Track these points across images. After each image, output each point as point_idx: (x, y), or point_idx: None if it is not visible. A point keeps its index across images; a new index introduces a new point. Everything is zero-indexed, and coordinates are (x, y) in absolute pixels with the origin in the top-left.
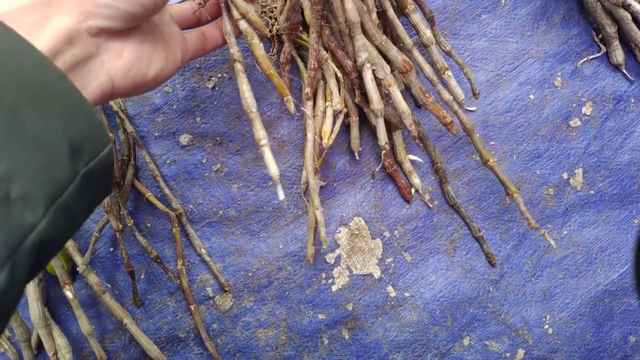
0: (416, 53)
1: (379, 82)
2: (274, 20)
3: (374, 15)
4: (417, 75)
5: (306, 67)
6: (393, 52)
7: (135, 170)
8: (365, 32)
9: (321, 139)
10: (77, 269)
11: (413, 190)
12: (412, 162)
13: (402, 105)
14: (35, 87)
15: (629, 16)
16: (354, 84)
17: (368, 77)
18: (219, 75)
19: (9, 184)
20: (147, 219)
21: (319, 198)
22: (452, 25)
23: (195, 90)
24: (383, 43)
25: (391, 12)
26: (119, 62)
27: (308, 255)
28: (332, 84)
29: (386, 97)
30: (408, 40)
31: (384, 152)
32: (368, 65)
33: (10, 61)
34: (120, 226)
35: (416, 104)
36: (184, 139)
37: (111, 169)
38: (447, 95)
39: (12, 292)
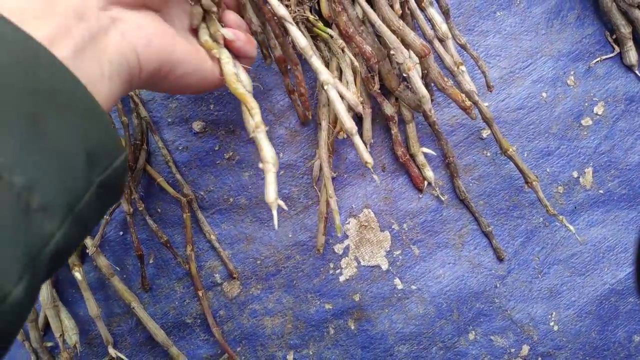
0: (437, 44)
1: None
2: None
3: (397, 6)
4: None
5: (322, 57)
6: (411, 36)
7: (148, 155)
8: (382, 18)
9: (336, 129)
10: (87, 251)
11: (425, 182)
12: (425, 155)
13: (422, 89)
14: (53, 94)
15: None
16: (373, 72)
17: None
18: None
19: (30, 194)
20: (157, 204)
21: (332, 187)
22: (467, 21)
23: None
24: (400, 27)
25: (412, 3)
26: (138, 31)
27: (318, 245)
28: (349, 74)
29: (404, 82)
30: (429, 31)
31: (394, 138)
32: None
33: (26, 67)
34: (132, 210)
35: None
36: (197, 125)
37: (124, 178)
38: (467, 86)
39: (28, 304)
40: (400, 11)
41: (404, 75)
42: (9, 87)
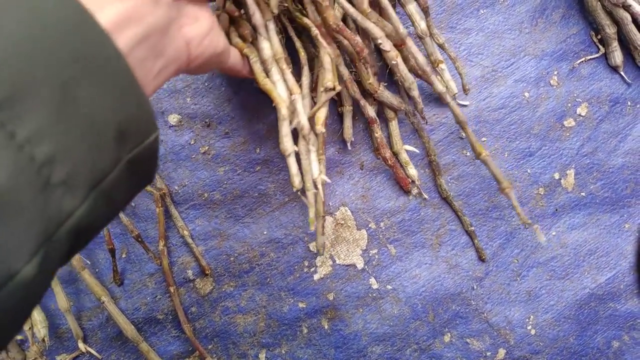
0: (410, 43)
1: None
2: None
3: (366, 5)
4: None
5: (302, 45)
6: (389, 27)
7: None
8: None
9: (315, 124)
10: None
11: (410, 181)
12: (407, 153)
13: (409, 76)
14: (94, 63)
15: (629, 17)
16: (367, 63)
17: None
18: None
19: (52, 168)
20: None
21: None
22: (449, 19)
23: None
24: (379, 19)
25: (385, 2)
26: (195, 26)
27: (318, 246)
28: (326, 61)
29: (383, 80)
30: (402, 30)
31: (379, 142)
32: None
33: (72, 34)
34: None
35: (408, 95)
36: (173, 119)
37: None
38: (440, 87)
39: (40, 282)
40: (377, 9)
41: (390, 64)
42: (47, 52)
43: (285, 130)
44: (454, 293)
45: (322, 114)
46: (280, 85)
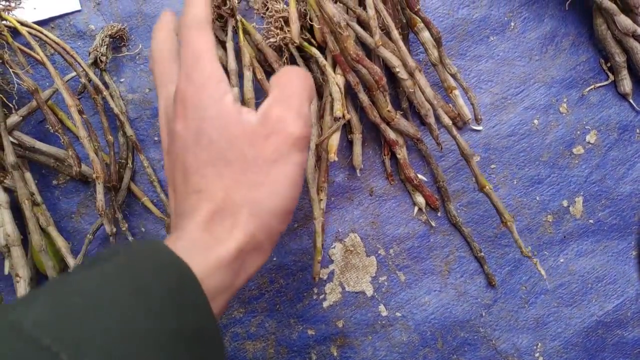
0: (418, 76)
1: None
2: (280, 30)
3: (377, 37)
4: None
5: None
6: (405, 56)
7: (133, 173)
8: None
9: (327, 153)
10: (69, 271)
11: (416, 209)
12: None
13: (426, 103)
14: (191, 333)
15: (638, 46)
16: (385, 91)
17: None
18: None
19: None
20: (141, 223)
21: (320, 209)
22: (460, 46)
23: None
24: (397, 49)
25: (395, 34)
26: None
27: (314, 274)
28: (334, 90)
29: (399, 110)
30: (411, 63)
31: (402, 162)
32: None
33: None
34: (115, 230)
35: (421, 122)
36: None
37: None
38: (447, 120)
39: None
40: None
41: (407, 92)
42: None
43: None
44: (462, 320)
45: (334, 142)
46: None
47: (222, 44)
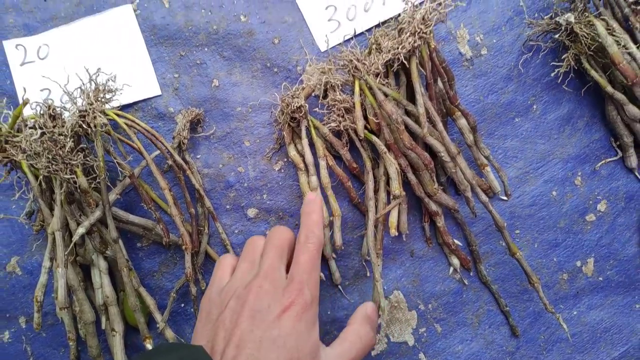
0: (459, 159)
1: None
2: (341, 118)
3: (425, 130)
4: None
5: (369, 157)
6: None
7: (209, 238)
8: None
9: (388, 228)
10: (157, 326)
11: (451, 269)
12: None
13: (464, 181)
14: None
15: None
16: (432, 172)
17: None
18: (285, 160)
19: None
20: None
21: (380, 272)
22: (489, 126)
23: (263, 172)
24: (440, 137)
25: (440, 126)
26: None
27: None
28: (392, 171)
29: (440, 186)
30: (453, 149)
31: (442, 230)
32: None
33: None
34: (196, 290)
35: (456, 192)
36: (251, 212)
37: None
38: (484, 197)
39: None
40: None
41: (449, 172)
42: None
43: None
44: None
45: (394, 219)
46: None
47: (299, 139)
